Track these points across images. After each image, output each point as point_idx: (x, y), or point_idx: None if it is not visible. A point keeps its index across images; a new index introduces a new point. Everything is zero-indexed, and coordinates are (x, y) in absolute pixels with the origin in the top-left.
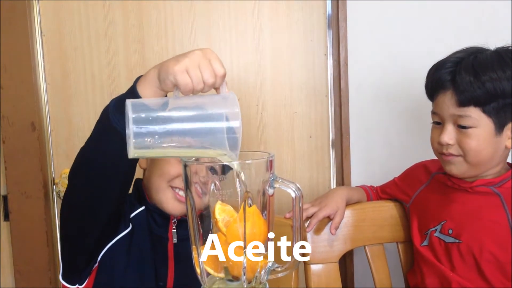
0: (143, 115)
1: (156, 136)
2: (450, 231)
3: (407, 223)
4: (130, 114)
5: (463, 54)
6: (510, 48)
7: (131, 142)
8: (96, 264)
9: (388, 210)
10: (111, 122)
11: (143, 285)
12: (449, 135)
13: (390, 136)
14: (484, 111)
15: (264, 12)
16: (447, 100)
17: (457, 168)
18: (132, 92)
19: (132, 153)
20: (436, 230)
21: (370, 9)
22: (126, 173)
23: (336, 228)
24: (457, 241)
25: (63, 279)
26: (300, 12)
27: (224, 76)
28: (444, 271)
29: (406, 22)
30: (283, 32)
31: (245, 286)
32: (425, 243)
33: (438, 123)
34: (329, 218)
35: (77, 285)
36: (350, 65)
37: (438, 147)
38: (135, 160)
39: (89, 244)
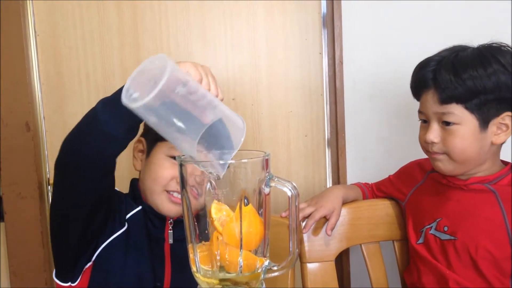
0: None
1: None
2: (446, 228)
3: (402, 221)
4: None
5: (446, 52)
6: (492, 44)
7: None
8: (91, 263)
9: (384, 208)
10: (102, 124)
11: (141, 285)
12: (434, 133)
13: (386, 134)
14: (466, 108)
15: (259, 12)
16: (430, 98)
17: (444, 165)
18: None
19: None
20: (431, 227)
21: (365, 8)
22: (108, 168)
23: (332, 229)
24: (452, 238)
25: (56, 277)
26: (295, 12)
27: (221, 100)
28: (441, 269)
29: (400, 21)
30: (278, 31)
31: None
32: (421, 240)
33: (425, 121)
34: (325, 218)
35: (69, 283)
36: (345, 63)
37: (425, 145)
38: (116, 155)
39: (74, 238)
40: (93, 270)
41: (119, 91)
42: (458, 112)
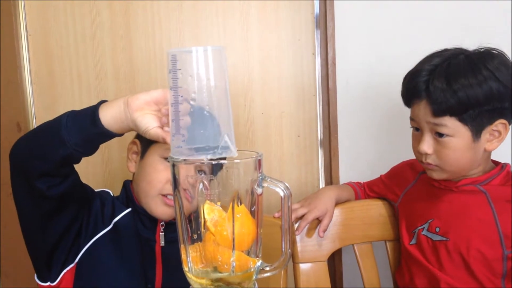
0: None
1: None
2: (437, 229)
3: (395, 221)
4: None
5: (438, 60)
6: (482, 49)
7: None
8: (73, 265)
9: (376, 208)
10: (60, 126)
11: (132, 287)
12: (427, 144)
13: (378, 135)
14: (460, 120)
15: (252, 11)
16: (422, 109)
17: (437, 174)
18: (93, 113)
19: None
20: (423, 228)
21: (358, 8)
22: (48, 171)
23: (324, 230)
24: (444, 239)
25: (37, 278)
26: (288, 12)
27: None
28: (432, 270)
29: (394, 21)
30: (271, 31)
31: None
32: (413, 241)
33: (417, 129)
34: (318, 219)
35: (48, 283)
36: (338, 64)
37: (419, 156)
38: (59, 161)
39: (35, 240)
40: (77, 271)
41: (90, 107)
42: (451, 125)
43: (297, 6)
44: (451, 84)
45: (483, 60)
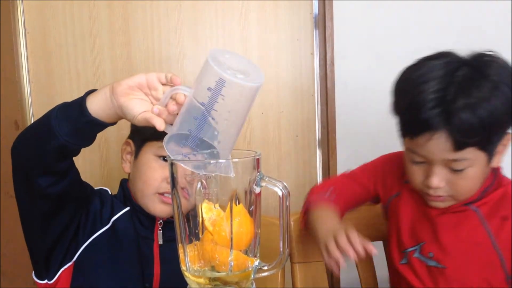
0: None
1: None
2: (431, 255)
3: None
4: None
5: (438, 83)
6: (475, 55)
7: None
8: (71, 263)
9: (374, 208)
10: (50, 118)
11: (130, 286)
12: (439, 177)
13: (376, 135)
14: (480, 148)
15: (251, 12)
16: (440, 144)
17: (444, 204)
18: (80, 103)
19: None
20: (415, 250)
21: (357, 9)
22: (45, 166)
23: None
24: (440, 266)
25: (35, 275)
26: (287, 12)
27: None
28: None
29: (392, 21)
30: (270, 31)
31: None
32: (404, 261)
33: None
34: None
35: (46, 281)
36: (337, 64)
37: (423, 187)
38: (53, 153)
39: (35, 238)
40: (75, 270)
41: (79, 97)
42: (471, 156)
43: (296, 7)
44: (479, 115)
45: (486, 70)
